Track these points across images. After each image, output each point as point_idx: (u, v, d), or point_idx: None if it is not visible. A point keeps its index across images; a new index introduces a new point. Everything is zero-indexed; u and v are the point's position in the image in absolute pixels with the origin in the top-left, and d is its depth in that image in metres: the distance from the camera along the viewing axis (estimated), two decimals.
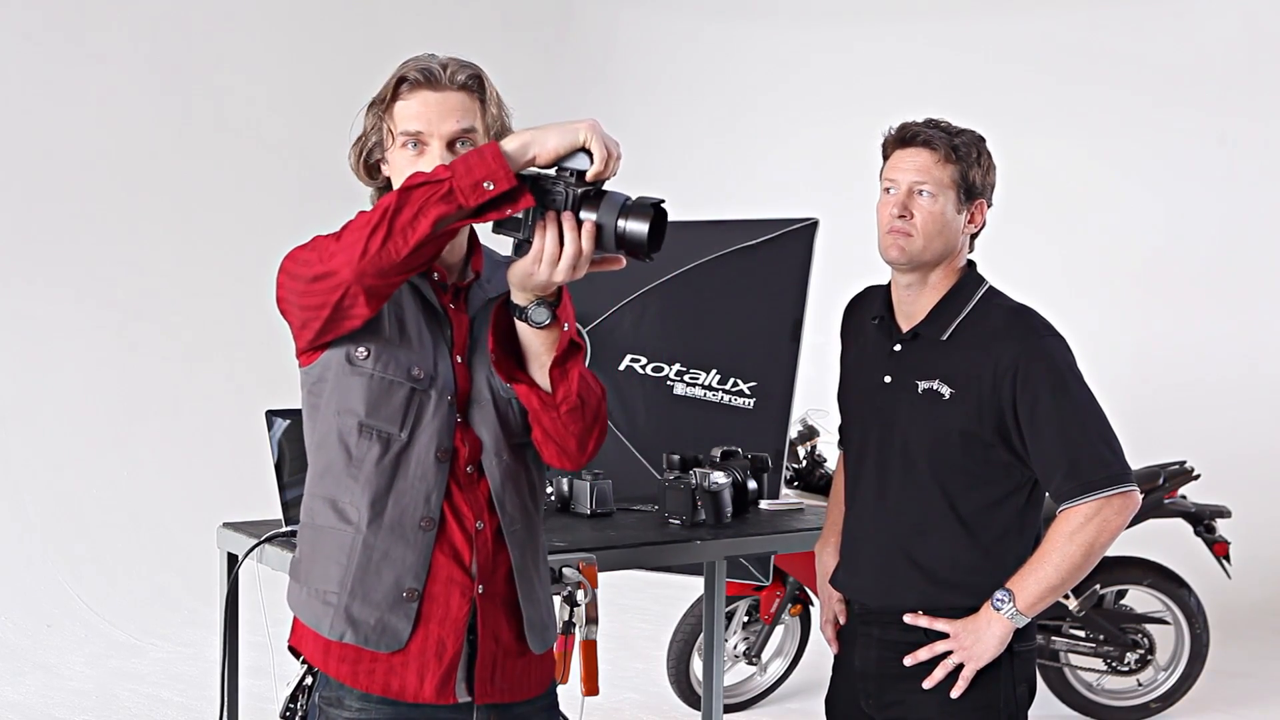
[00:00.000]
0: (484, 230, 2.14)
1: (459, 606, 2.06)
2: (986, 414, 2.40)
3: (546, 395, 2.03)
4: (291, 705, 2.12)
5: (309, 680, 2.12)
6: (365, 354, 2.04)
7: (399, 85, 2.06)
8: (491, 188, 1.83)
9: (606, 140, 1.87)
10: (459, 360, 2.10)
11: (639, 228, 1.85)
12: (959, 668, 2.43)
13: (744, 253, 3.80)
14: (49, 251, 6.79)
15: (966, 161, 2.46)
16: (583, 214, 1.87)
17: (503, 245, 2.02)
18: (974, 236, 2.54)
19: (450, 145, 2.04)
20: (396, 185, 2.06)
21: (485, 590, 2.07)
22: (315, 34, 7.90)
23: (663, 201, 1.88)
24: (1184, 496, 5.06)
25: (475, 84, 2.08)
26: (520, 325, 1.99)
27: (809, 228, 3.79)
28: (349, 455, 2.06)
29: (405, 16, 8.16)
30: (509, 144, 1.86)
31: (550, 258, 1.87)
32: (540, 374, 2.03)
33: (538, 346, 2.01)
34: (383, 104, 2.08)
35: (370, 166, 2.13)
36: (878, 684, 2.53)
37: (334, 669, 2.07)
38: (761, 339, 3.77)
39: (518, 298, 1.97)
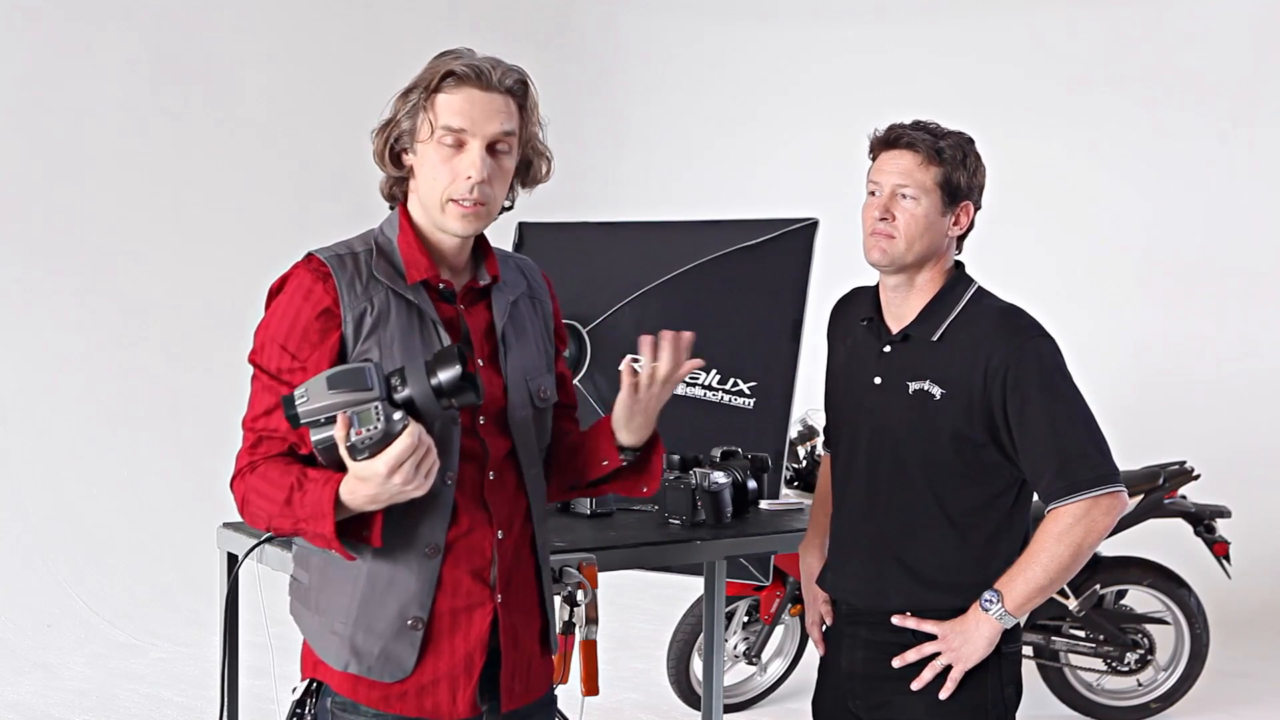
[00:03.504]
0: (489, 232, 2.12)
1: (482, 620, 2.03)
2: (977, 414, 2.40)
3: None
4: (299, 711, 2.07)
5: (316, 685, 2.08)
6: None
7: (444, 78, 1.99)
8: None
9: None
10: (480, 364, 2.06)
11: (450, 373, 1.82)
12: (947, 669, 2.43)
13: (744, 253, 3.79)
14: (49, 251, 6.79)
15: (951, 164, 2.43)
16: (399, 396, 1.84)
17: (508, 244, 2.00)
18: (961, 238, 2.53)
19: (491, 147, 1.99)
20: (423, 179, 2.02)
21: (504, 599, 2.05)
22: (316, 33, 7.90)
23: (456, 346, 1.88)
24: (1184, 496, 5.05)
25: (521, 90, 2.03)
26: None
27: (809, 228, 3.79)
28: None
29: (405, 18, 8.16)
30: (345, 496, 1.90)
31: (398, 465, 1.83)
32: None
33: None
34: (424, 93, 2.00)
35: (395, 154, 2.05)
36: (865, 685, 2.52)
37: (364, 696, 2.03)
38: (761, 339, 3.76)
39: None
